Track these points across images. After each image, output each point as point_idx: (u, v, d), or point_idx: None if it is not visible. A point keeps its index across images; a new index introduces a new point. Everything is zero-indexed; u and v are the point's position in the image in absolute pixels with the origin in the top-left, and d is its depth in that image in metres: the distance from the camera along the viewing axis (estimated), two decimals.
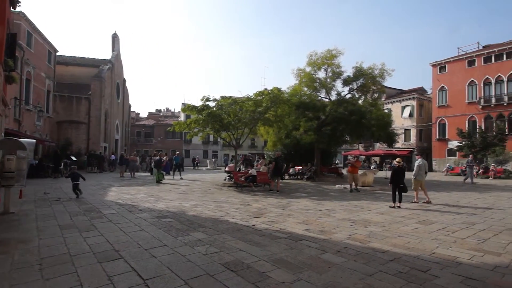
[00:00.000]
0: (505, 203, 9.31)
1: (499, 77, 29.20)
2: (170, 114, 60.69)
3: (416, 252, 4.28)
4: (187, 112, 15.84)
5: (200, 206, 8.11)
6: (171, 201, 9.03)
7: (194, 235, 5.09)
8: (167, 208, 7.69)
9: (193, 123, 14.68)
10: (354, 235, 5.26)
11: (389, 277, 3.36)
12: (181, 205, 8.32)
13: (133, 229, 5.48)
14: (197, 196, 10.33)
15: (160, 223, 5.96)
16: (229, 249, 4.33)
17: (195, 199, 9.46)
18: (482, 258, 4.05)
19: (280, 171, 12.99)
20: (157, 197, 9.87)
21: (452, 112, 32.65)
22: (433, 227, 5.90)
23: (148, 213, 6.98)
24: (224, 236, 5.02)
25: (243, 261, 3.83)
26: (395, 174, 8.76)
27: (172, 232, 5.28)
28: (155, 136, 46.85)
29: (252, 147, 47.22)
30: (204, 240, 4.79)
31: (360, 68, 18.40)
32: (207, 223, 6.07)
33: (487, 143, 23.99)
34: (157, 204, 8.41)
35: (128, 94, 38.93)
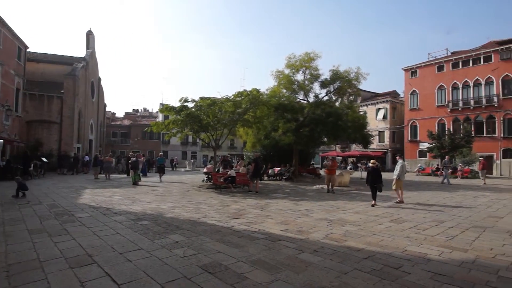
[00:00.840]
0: (471, 202, 9.90)
1: (466, 82, 31.06)
2: (148, 115, 59.25)
3: (389, 250, 4.46)
4: (165, 112, 15.57)
5: (178, 208, 7.99)
6: (148, 203, 8.82)
7: (171, 237, 5.01)
8: (143, 211, 7.50)
9: (172, 124, 14.43)
10: (331, 234, 5.39)
11: (363, 275, 3.48)
12: (159, 207, 8.14)
13: (108, 232, 5.30)
14: (175, 197, 10.16)
15: (136, 226, 5.80)
16: (207, 251, 4.29)
17: (173, 201, 9.30)
18: (450, 255, 4.28)
19: (259, 172, 13.06)
20: (133, 199, 9.59)
21: (423, 115, 34.30)
22: (405, 226, 6.16)
23: (124, 216, 6.78)
24: (202, 238, 4.98)
25: (221, 262, 3.81)
26: (370, 175, 9.21)
27: (149, 235, 5.16)
28: (132, 136, 45.50)
29: (232, 148, 47.08)
30: (181, 242, 4.72)
31: (337, 72, 18.90)
32: (185, 225, 5.98)
33: (455, 145, 25.38)
34: (134, 206, 8.18)
35: (103, 93, 37.59)
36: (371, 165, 9.58)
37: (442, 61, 33.39)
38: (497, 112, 28.81)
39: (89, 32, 31.19)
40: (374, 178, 9.02)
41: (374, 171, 9.23)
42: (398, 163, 9.89)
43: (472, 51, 31.76)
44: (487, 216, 7.30)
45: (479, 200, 10.22)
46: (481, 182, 17.64)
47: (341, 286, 3.17)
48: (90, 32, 31.26)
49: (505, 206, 8.89)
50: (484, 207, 8.67)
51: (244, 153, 26.20)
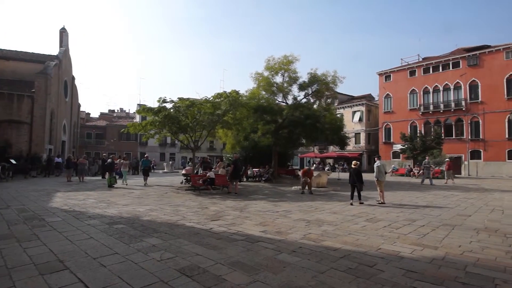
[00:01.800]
0: (441, 201, 10.41)
1: (436, 86, 32.73)
2: (125, 115, 57.45)
3: (364, 249, 4.60)
4: (142, 113, 15.20)
5: (156, 211, 7.81)
6: (124, 206, 8.55)
7: (148, 241, 4.89)
8: (119, 214, 7.27)
9: (149, 125, 14.13)
10: (309, 234, 5.48)
11: (339, 274, 3.57)
12: (135, 210, 7.92)
13: (81, 237, 5.09)
14: (152, 200, 9.92)
15: (111, 230, 5.61)
16: (185, 253, 4.24)
17: (150, 204, 9.08)
18: (422, 252, 4.47)
19: (239, 174, 13.05)
20: (108, 202, 9.27)
21: (396, 118, 35.75)
22: (380, 225, 6.38)
23: (98, 220, 6.54)
24: (180, 241, 4.90)
25: (199, 265, 3.78)
26: (352, 175, 9.57)
27: (125, 239, 5.01)
28: (108, 137, 43.91)
29: (211, 150, 46.67)
30: (159, 245, 4.62)
31: (315, 75, 19.29)
32: (162, 228, 5.86)
33: (426, 146, 26.61)
34: (109, 209, 7.91)
35: (77, 93, 36.10)
36: (353, 166, 9.92)
37: (414, 66, 35.00)
38: (465, 115, 30.58)
39: (63, 29, 29.94)
40: (354, 178, 9.45)
41: (355, 172, 9.60)
42: (375, 164, 10.11)
43: (441, 57, 33.56)
44: (456, 214, 7.70)
45: (449, 200, 10.77)
46: (448, 181, 18.64)
47: (318, 285, 3.23)
48: (64, 29, 30.01)
49: (473, 205, 9.41)
50: (453, 206, 9.14)
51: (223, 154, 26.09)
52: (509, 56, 28.34)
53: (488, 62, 29.51)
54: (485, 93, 29.47)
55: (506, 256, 4.26)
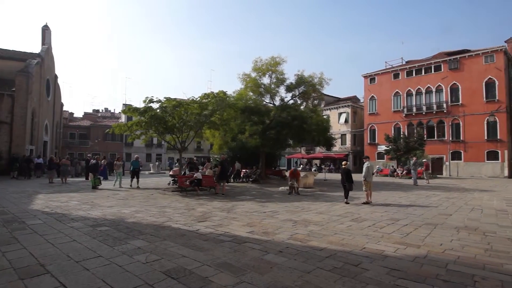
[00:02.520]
0: (424, 200, 10.71)
1: (419, 89, 33.68)
2: (110, 115, 56.12)
3: (349, 248, 4.68)
4: (128, 113, 14.91)
5: (141, 212, 7.68)
6: (109, 208, 8.37)
7: (133, 243, 4.80)
8: (103, 216, 7.11)
9: (135, 125, 13.89)
10: (295, 235, 5.52)
11: (325, 273, 3.61)
12: (120, 211, 7.77)
13: (63, 240, 4.95)
14: (138, 201, 9.75)
15: (94, 232, 5.48)
16: (171, 255, 4.19)
17: (135, 205, 8.92)
18: (405, 251, 4.58)
19: (226, 174, 13.01)
20: (92, 204, 9.04)
21: (380, 119, 36.56)
22: (364, 224, 6.50)
23: (81, 222, 6.37)
24: (166, 243, 4.84)
25: (186, 267, 3.74)
26: (345, 175, 9.88)
27: (109, 241, 4.90)
28: (92, 138, 42.81)
29: (198, 150, 46.30)
30: (144, 248, 4.55)
31: (302, 76, 19.49)
32: (148, 229, 5.77)
33: (409, 147, 27.31)
34: (92, 211, 7.72)
35: (60, 92, 35.05)
36: (343, 166, 10.20)
37: (397, 69, 35.92)
38: (446, 117, 31.59)
39: (45, 27, 29.05)
40: (344, 178, 9.76)
41: (344, 172, 9.88)
42: (364, 165, 10.27)
43: (424, 60, 34.57)
44: (437, 214, 7.94)
45: (431, 199, 11.08)
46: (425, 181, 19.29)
47: (304, 285, 3.26)
48: (46, 27, 29.13)
49: (454, 204, 9.73)
50: (435, 206, 9.42)
51: (211, 155, 25.94)
52: (488, 61, 29.48)
53: (468, 66, 30.61)
54: (465, 96, 30.55)
55: (485, 254, 4.42)
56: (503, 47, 29.12)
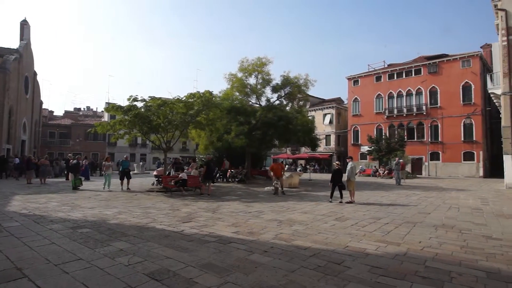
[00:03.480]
0: (404, 200, 11.04)
1: (400, 92, 34.69)
2: (92, 114, 54.57)
3: (332, 247, 4.76)
4: (111, 112, 14.51)
5: (124, 213, 7.53)
6: (90, 209, 8.15)
7: (115, 245, 4.70)
8: (84, 217, 6.91)
9: (118, 125, 13.55)
10: (280, 234, 5.57)
11: (309, 272, 3.66)
12: (102, 213, 7.57)
13: (41, 243, 4.78)
14: (121, 202, 9.54)
15: (75, 235, 5.33)
16: (155, 257, 4.13)
17: (118, 206, 8.72)
18: (386, 248, 4.71)
19: (212, 175, 12.93)
20: (72, 205, 8.77)
21: (363, 121, 37.40)
22: (347, 223, 6.64)
23: (61, 224, 6.17)
24: (150, 244, 4.77)
25: (170, 268, 3.70)
26: (335, 175, 10.06)
27: (90, 243, 4.78)
28: (73, 137, 41.41)
29: (184, 150, 45.76)
30: (127, 249, 4.46)
31: (288, 77, 19.65)
32: (131, 231, 5.66)
33: (390, 148, 28.08)
34: (73, 213, 7.49)
35: (39, 89, 33.73)
36: (336, 166, 10.47)
37: (380, 72, 36.88)
38: (425, 119, 32.69)
39: (24, 21, 27.91)
40: (339, 177, 10.00)
41: (338, 172, 10.10)
42: (348, 165, 10.46)
43: (405, 64, 35.65)
44: (417, 212, 8.20)
45: (411, 198, 11.44)
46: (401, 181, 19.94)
47: (288, 284, 3.30)
48: (25, 22, 27.99)
49: (432, 203, 10.07)
50: (414, 204, 9.73)
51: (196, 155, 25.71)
52: (465, 65, 30.74)
53: (446, 70, 31.81)
54: (443, 99, 31.72)
55: (461, 251, 4.61)
56: (479, 53, 30.44)
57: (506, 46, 16.26)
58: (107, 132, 14.73)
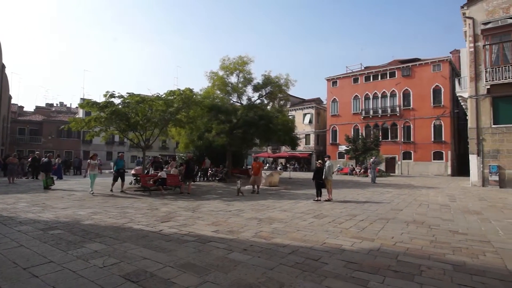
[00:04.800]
0: (378, 197, 11.45)
1: (375, 93, 35.95)
2: (65, 110, 52.02)
3: (310, 244, 4.87)
4: (86, 108, 13.86)
5: (100, 214, 7.28)
6: (63, 209, 7.81)
7: (89, 246, 4.55)
8: (56, 218, 6.62)
9: (94, 121, 13.03)
10: (260, 232, 5.62)
11: (287, 269, 3.73)
12: (75, 213, 7.28)
13: (9, 245, 4.53)
14: (96, 202, 9.22)
15: (46, 236, 5.09)
16: (131, 258, 4.04)
17: (93, 206, 8.42)
18: (361, 244, 4.88)
19: (192, 174, 12.79)
20: (43, 206, 8.37)
21: (341, 121, 38.41)
22: (325, 220, 6.80)
23: (31, 226, 5.87)
24: (126, 245, 4.65)
25: (147, 269, 3.63)
26: (317, 173, 10.28)
27: (62, 245, 4.59)
28: (45, 134, 39.37)
29: (163, 149, 44.86)
30: (101, 251, 4.33)
31: (269, 77, 19.78)
32: (106, 232, 5.50)
33: (366, 148, 29.02)
34: (44, 214, 7.15)
35: (8, 84, 31.77)
36: (318, 164, 10.68)
37: (357, 74, 38.03)
38: (399, 120, 34.09)
39: None
40: (320, 175, 10.20)
41: (320, 170, 10.31)
42: (325, 164, 10.68)
43: (380, 67, 36.96)
44: (390, 209, 8.54)
45: (385, 196, 11.89)
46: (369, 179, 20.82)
47: (267, 281, 3.34)
48: None
49: (404, 200, 10.53)
50: (388, 202, 10.13)
51: (176, 154, 25.28)
52: (435, 69, 32.35)
53: (418, 74, 33.34)
54: (415, 101, 33.23)
55: (430, 245, 4.86)
56: (448, 58, 32.14)
57: (473, 52, 17.26)
58: (82, 129, 14.12)
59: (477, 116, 16.95)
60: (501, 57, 16.39)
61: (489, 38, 16.67)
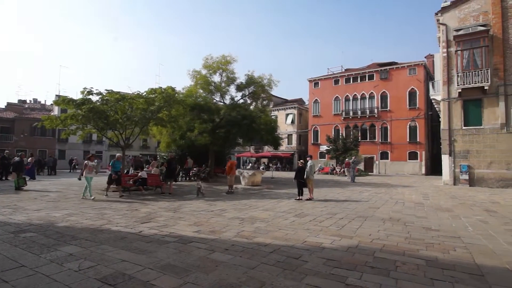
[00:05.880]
0: (357, 196, 11.77)
1: (355, 95, 36.93)
2: (40, 107, 49.62)
3: (292, 242, 4.94)
4: (61, 105, 13.29)
5: (76, 215, 7.03)
6: (36, 211, 7.47)
7: (64, 249, 4.39)
8: (29, 221, 6.32)
9: (70, 119, 12.52)
10: (242, 232, 5.63)
11: (269, 268, 3.76)
12: (49, 215, 6.99)
13: None
14: (72, 203, 8.88)
15: (17, 240, 4.86)
16: (109, 261, 3.93)
17: (69, 207, 8.12)
18: (340, 242, 5.00)
19: (173, 173, 12.58)
20: (15, 207, 7.96)
21: (323, 121, 39.16)
22: (306, 219, 6.91)
23: (0, 229, 5.58)
24: (104, 247, 4.53)
25: (125, 272, 3.55)
26: (299, 172, 10.42)
27: (34, 249, 4.40)
28: (16, 132, 37.34)
29: (144, 148, 43.83)
30: (77, 254, 4.19)
31: (252, 77, 19.81)
32: (83, 234, 5.32)
33: (346, 148, 29.74)
34: (15, 216, 6.80)
35: None
36: (300, 164, 10.82)
37: (338, 76, 38.94)
38: (377, 121, 35.23)
39: None
40: (302, 175, 10.33)
41: (301, 169, 10.43)
42: (307, 164, 10.83)
43: (360, 69, 38.03)
44: (368, 207, 8.81)
45: (363, 194, 12.23)
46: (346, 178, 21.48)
47: (248, 281, 3.36)
48: None
49: (381, 199, 10.89)
50: (366, 200, 10.44)
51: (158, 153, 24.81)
52: (411, 73, 33.70)
53: (395, 77, 34.61)
54: (392, 103, 34.48)
55: (405, 242, 5.06)
56: (423, 62, 33.56)
57: (445, 57, 18.09)
58: (57, 127, 13.54)
59: (449, 118, 17.78)
60: (471, 62, 17.28)
61: (460, 44, 17.52)
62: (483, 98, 16.96)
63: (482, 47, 16.90)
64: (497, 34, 16.65)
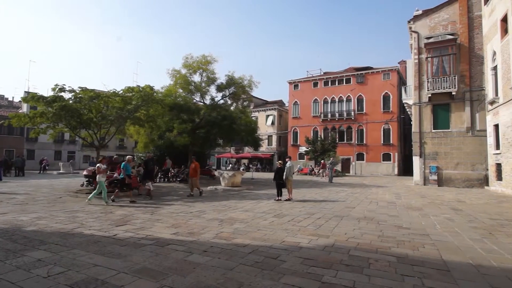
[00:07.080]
0: (334, 196, 12.06)
1: (333, 98, 37.95)
2: (7, 104, 46.78)
3: (270, 243, 4.98)
4: (31, 102, 12.58)
5: (45, 219, 6.69)
6: (1, 215, 7.04)
7: (32, 255, 4.17)
8: None
9: (39, 117, 11.91)
10: (221, 233, 5.61)
11: (247, 268, 3.78)
12: (16, 219, 6.61)
13: None
14: (41, 206, 8.45)
15: None
16: (81, 266, 3.78)
17: (38, 211, 7.71)
18: (317, 241, 5.11)
19: (151, 174, 12.29)
20: None
21: (302, 123, 39.82)
22: (285, 219, 7.00)
23: None
24: (75, 252, 4.35)
25: (98, 277, 3.43)
26: (277, 173, 10.50)
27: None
28: None
29: (121, 148, 42.46)
30: (46, 259, 3.99)
31: (232, 77, 19.75)
32: (52, 238, 5.08)
33: (325, 149, 30.42)
34: None
35: None
36: (278, 164, 10.92)
37: (316, 78, 39.84)
38: (353, 123, 36.39)
39: None
40: (281, 175, 10.43)
41: (280, 170, 10.52)
42: (286, 164, 10.92)
43: (338, 73, 39.15)
44: (344, 207, 9.06)
45: (340, 195, 12.56)
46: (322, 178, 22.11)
47: (226, 282, 3.35)
48: None
49: (357, 199, 11.24)
50: (342, 200, 10.73)
51: (135, 154, 24.09)
52: (385, 78, 35.17)
53: (371, 81, 35.94)
54: (368, 106, 35.77)
55: (378, 240, 5.26)
56: (396, 67, 35.09)
57: (417, 63, 18.99)
58: (25, 126, 12.83)
59: (419, 121, 18.68)
60: (440, 68, 18.26)
61: (431, 51, 18.46)
62: (451, 103, 17.96)
63: (450, 55, 17.91)
64: (463, 43, 17.71)
